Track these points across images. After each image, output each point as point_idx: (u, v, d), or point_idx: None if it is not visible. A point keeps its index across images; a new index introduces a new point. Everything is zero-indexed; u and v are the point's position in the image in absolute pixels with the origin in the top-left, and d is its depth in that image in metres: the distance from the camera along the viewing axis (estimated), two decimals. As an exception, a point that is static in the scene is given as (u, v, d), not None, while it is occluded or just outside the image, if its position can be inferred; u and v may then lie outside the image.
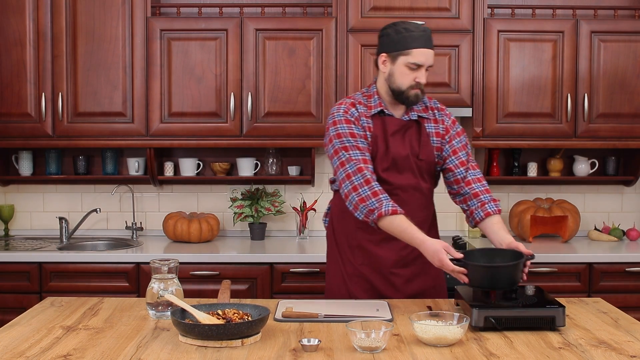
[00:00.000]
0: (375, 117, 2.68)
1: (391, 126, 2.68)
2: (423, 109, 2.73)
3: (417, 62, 2.58)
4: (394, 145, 2.66)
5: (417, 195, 2.71)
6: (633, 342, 2.12)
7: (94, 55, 3.92)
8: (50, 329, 2.25)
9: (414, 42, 2.58)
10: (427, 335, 2.06)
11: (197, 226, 3.97)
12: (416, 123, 2.71)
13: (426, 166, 2.71)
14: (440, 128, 2.74)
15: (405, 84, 2.61)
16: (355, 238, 2.73)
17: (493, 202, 2.68)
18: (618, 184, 4.32)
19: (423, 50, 2.58)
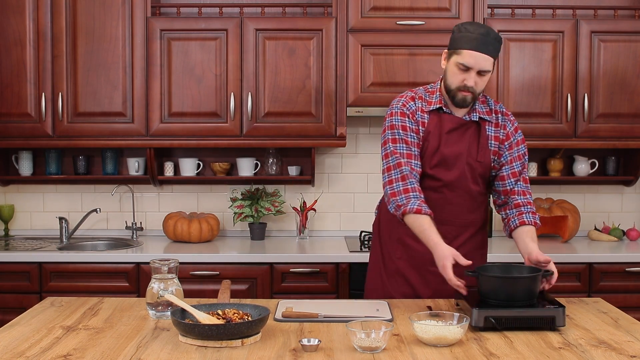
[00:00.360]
0: (433, 113, 2.67)
1: (448, 124, 2.65)
2: (487, 112, 2.70)
3: (464, 64, 2.54)
4: (449, 143, 2.65)
5: (465, 197, 2.68)
6: (633, 342, 2.12)
7: (94, 55, 3.92)
8: (50, 329, 2.25)
9: (467, 42, 2.53)
10: (427, 335, 2.06)
11: (197, 226, 3.97)
12: (477, 124, 2.68)
13: (481, 169, 2.68)
14: (501, 133, 2.69)
15: (454, 84, 2.59)
16: (397, 231, 2.73)
17: (532, 214, 2.66)
18: (618, 184, 4.32)
19: (473, 53, 2.52)
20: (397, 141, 2.62)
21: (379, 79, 3.89)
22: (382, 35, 3.87)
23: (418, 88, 2.76)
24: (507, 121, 2.71)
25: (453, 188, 2.66)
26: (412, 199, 2.52)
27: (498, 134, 2.69)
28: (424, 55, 3.88)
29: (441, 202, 2.66)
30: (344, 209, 4.31)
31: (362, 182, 4.31)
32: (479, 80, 2.57)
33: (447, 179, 2.66)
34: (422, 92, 2.72)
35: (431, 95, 2.70)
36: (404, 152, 2.60)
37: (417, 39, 3.88)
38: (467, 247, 2.71)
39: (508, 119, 2.72)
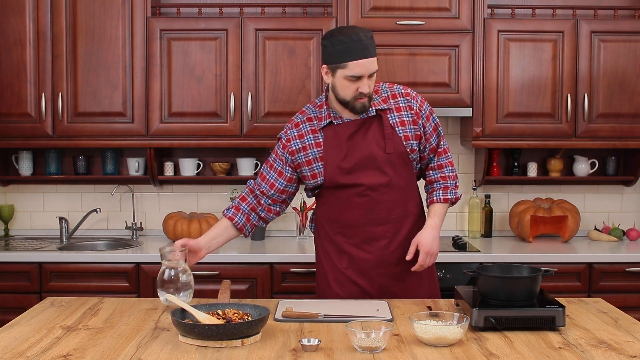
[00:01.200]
0: (326, 128, 2.65)
1: (345, 130, 2.63)
2: (383, 100, 2.65)
3: (355, 75, 2.50)
4: (355, 147, 2.62)
5: (390, 193, 2.65)
6: (633, 342, 2.12)
7: (94, 55, 3.92)
8: (50, 329, 2.25)
9: (349, 54, 2.48)
10: (427, 335, 2.06)
11: (197, 226, 3.97)
12: (378, 117, 2.63)
13: (397, 159, 2.64)
14: (407, 115, 2.65)
15: (349, 96, 2.55)
16: (337, 242, 2.73)
17: (443, 189, 2.70)
18: (618, 184, 4.32)
19: (359, 62, 2.48)
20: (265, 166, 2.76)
21: (379, 79, 3.85)
22: (382, 35, 3.87)
23: (307, 106, 2.75)
24: (410, 100, 2.67)
25: (376, 188, 2.64)
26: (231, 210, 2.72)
27: (403, 118, 2.65)
28: (423, 55, 3.88)
29: (370, 204, 2.65)
30: (344, 209, 4.31)
31: (362, 182, 4.30)
32: (371, 82, 2.55)
33: (367, 181, 2.63)
34: (311, 111, 2.71)
35: (319, 110, 2.68)
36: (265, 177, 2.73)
37: (417, 39, 3.88)
38: (411, 236, 2.69)
39: (410, 97, 2.68)
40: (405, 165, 2.67)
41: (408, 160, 2.67)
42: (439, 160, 2.73)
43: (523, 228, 4.03)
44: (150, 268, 3.65)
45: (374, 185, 2.64)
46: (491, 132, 3.93)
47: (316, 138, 2.66)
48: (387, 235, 2.68)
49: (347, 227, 2.69)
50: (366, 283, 2.71)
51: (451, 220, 4.29)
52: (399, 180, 2.66)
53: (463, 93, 3.91)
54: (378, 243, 2.68)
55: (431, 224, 2.66)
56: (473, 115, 3.92)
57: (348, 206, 2.66)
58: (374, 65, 2.52)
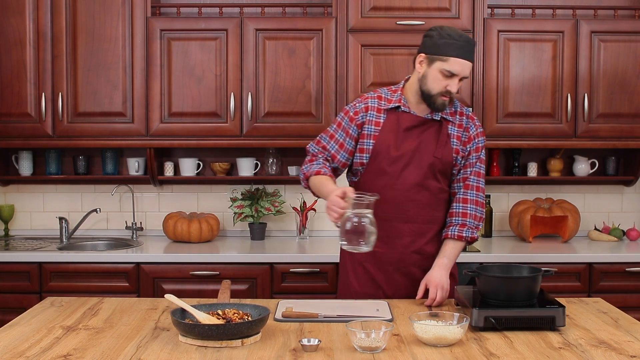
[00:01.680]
0: (390, 112, 2.70)
1: (405, 122, 2.68)
2: (451, 113, 2.72)
3: (451, 71, 2.56)
4: (406, 141, 2.67)
5: (423, 193, 2.69)
6: (633, 342, 2.12)
7: (94, 55, 3.92)
8: (50, 329, 2.25)
9: (454, 50, 2.55)
10: (427, 335, 2.06)
11: (197, 226, 3.97)
12: (439, 123, 2.70)
13: (440, 165, 2.69)
14: (463, 135, 2.72)
15: (436, 89, 2.61)
16: None
17: (460, 227, 2.68)
18: (618, 184, 4.32)
19: (460, 61, 2.56)
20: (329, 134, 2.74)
21: (379, 79, 3.89)
22: (382, 35, 3.87)
23: (382, 88, 2.79)
24: (471, 124, 2.73)
25: (411, 184, 2.67)
26: (314, 165, 2.68)
27: (460, 135, 2.71)
28: (424, 55, 3.88)
29: (401, 198, 2.68)
30: (344, 209, 4.31)
31: (362, 182, 4.31)
32: (459, 85, 2.62)
33: (406, 175, 2.67)
34: (384, 92, 2.76)
35: (393, 94, 2.73)
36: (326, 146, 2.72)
37: (417, 39, 3.83)
38: (433, 246, 2.73)
39: (473, 122, 2.75)
40: (444, 175, 2.72)
41: (449, 172, 2.73)
42: (466, 194, 2.72)
43: (523, 228, 4.03)
44: (150, 268, 3.66)
45: (410, 181, 2.67)
46: (491, 132, 3.93)
47: (377, 117, 2.70)
48: (411, 234, 2.71)
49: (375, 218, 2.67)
50: (383, 279, 2.73)
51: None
52: (434, 186, 2.70)
53: (463, 93, 3.90)
54: (401, 240, 2.70)
55: (439, 263, 2.65)
56: (473, 115, 3.91)
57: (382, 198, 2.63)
58: (468, 70, 2.59)
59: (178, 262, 3.66)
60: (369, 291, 2.74)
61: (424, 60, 2.62)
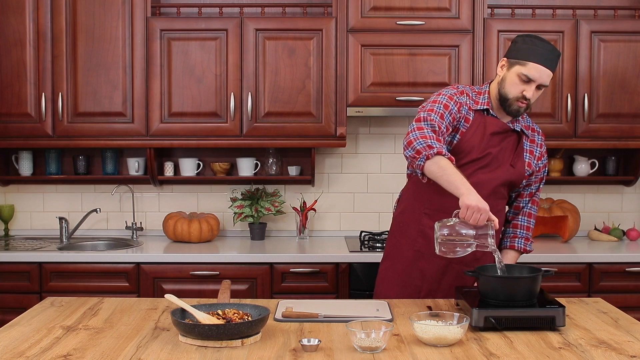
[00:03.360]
0: (477, 113, 2.69)
1: (492, 126, 2.68)
2: (525, 126, 2.75)
3: (528, 75, 2.57)
4: (490, 145, 2.67)
5: (490, 198, 2.61)
6: (633, 342, 2.12)
7: (94, 55, 3.92)
8: (50, 329, 2.25)
9: (535, 56, 2.56)
10: (427, 335, 2.06)
11: (197, 226, 3.97)
12: (517, 134, 2.73)
13: (514, 176, 2.70)
14: (535, 150, 2.77)
15: (512, 93, 2.62)
16: (422, 223, 2.73)
17: (525, 240, 2.82)
18: (618, 184, 4.32)
19: (539, 67, 2.56)
20: (434, 111, 2.55)
21: (379, 79, 3.89)
22: (382, 35, 3.87)
23: (464, 86, 2.75)
24: (542, 142, 2.81)
25: (483, 186, 2.64)
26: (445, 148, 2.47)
27: (533, 149, 2.77)
28: (424, 55, 3.88)
29: None
30: (344, 209, 4.31)
31: (362, 182, 4.31)
32: (537, 94, 2.63)
33: (479, 175, 2.66)
34: (469, 90, 2.74)
35: (478, 96, 2.72)
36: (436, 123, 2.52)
37: (417, 39, 3.88)
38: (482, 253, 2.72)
39: (543, 139, 2.82)
40: (511, 186, 2.75)
41: (518, 183, 2.75)
42: (532, 209, 2.83)
43: (523, 228, 4.03)
44: (150, 268, 3.66)
45: (480, 182, 2.63)
46: (491, 132, 3.92)
47: (468, 114, 2.68)
48: None
49: (437, 210, 2.68)
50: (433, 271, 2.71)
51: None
52: (500, 192, 2.71)
53: (463, 93, 3.90)
54: None
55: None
56: (473, 115, 3.91)
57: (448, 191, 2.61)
58: (547, 78, 2.59)
59: (178, 262, 3.66)
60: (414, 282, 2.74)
61: (505, 64, 2.65)
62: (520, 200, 2.83)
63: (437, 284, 2.74)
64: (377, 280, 2.88)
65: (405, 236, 2.79)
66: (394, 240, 2.84)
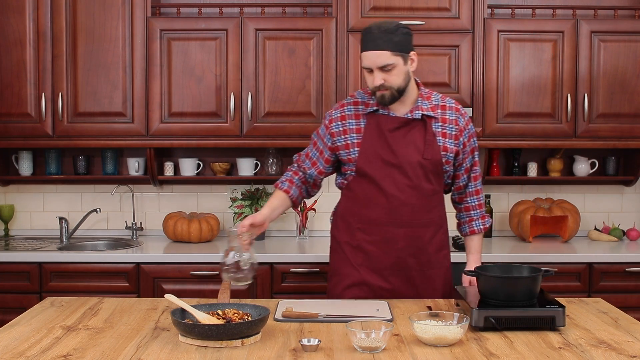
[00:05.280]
0: (370, 116, 2.67)
1: (387, 124, 2.65)
2: (431, 107, 2.68)
3: (365, 66, 2.58)
4: (393, 143, 2.63)
5: (416, 197, 2.65)
6: (633, 342, 2.12)
7: (94, 55, 3.92)
8: (50, 329, 2.25)
9: (365, 44, 2.56)
10: (427, 335, 2.06)
11: (197, 226, 3.97)
12: (422, 122, 2.66)
13: (431, 166, 2.65)
14: (451, 129, 2.68)
15: (369, 86, 2.62)
16: (357, 238, 2.72)
17: (481, 219, 2.82)
18: (618, 184, 4.32)
19: (367, 53, 2.54)
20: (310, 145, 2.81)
21: (379, 79, 3.88)
22: (382, 35, 3.87)
23: (358, 91, 2.79)
24: (458, 116, 2.70)
25: (403, 188, 2.64)
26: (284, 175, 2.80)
27: (445, 130, 2.67)
28: (424, 55, 3.88)
29: (395, 204, 2.64)
30: (344, 209, 4.31)
31: (362, 182, 4.31)
32: (387, 76, 2.55)
33: (396, 179, 2.64)
34: (359, 96, 2.75)
35: (369, 97, 2.71)
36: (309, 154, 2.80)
37: (417, 39, 3.84)
38: (430, 249, 2.71)
39: (459, 113, 2.71)
40: (436, 175, 2.69)
41: (441, 171, 2.69)
42: (476, 185, 2.80)
43: (523, 228, 4.03)
44: (150, 268, 3.65)
45: (402, 185, 2.64)
46: (491, 132, 3.93)
47: (358, 123, 2.68)
48: (406, 238, 2.67)
49: (368, 223, 2.68)
50: (380, 281, 2.70)
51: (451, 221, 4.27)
52: (427, 187, 2.67)
53: (463, 93, 3.91)
54: (397, 245, 2.67)
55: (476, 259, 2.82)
56: (473, 115, 3.91)
57: (373, 202, 2.65)
58: (381, 59, 2.53)
59: (178, 262, 3.66)
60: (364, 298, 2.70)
61: None
62: (458, 181, 2.77)
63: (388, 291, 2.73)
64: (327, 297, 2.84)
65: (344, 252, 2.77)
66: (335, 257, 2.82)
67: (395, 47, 2.53)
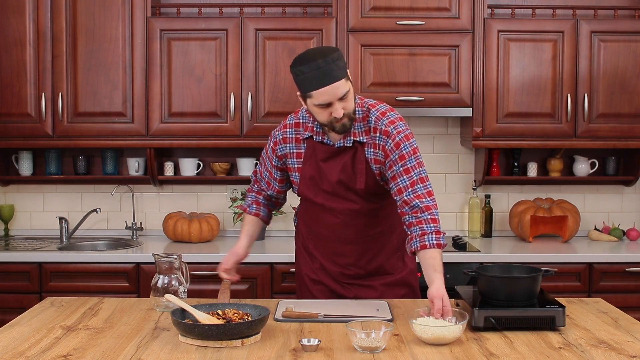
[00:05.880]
0: (309, 140, 2.59)
1: (320, 153, 2.55)
2: (365, 131, 2.50)
3: (321, 102, 2.36)
4: (327, 172, 2.55)
5: (360, 217, 2.59)
6: (633, 342, 2.12)
7: (94, 55, 3.92)
8: (50, 329, 2.25)
9: (310, 84, 2.34)
10: (425, 334, 2.06)
11: (197, 226, 3.97)
12: (354, 149, 2.51)
13: (367, 191, 2.54)
14: (379, 154, 2.49)
15: (326, 121, 2.42)
16: (310, 248, 2.75)
17: (435, 234, 2.37)
18: (618, 184, 4.32)
19: (322, 90, 2.33)
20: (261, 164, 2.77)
21: (379, 79, 3.89)
22: (382, 35, 3.87)
23: (301, 110, 2.63)
24: (386, 140, 2.47)
25: (345, 212, 2.59)
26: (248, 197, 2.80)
27: (377, 156, 2.50)
28: (423, 55, 3.88)
29: (340, 226, 2.61)
30: (344, 209, 4.31)
31: (362, 182, 4.31)
32: (345, 103, 2.39)
33: (336, 206, 2.59)
34: (301, 117, 2.61)
35: (309, 119, 2.57)
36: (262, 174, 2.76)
37: (417, 39, 3.88)
38: (384, 257, 2.68)
39: (388, 137, 2.47)
40: (376, 195, 2.58)
41: (380, 191, 2.57)
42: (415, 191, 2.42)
43: (523, 228, 4.03)
44: (150, 268, 3.65)
45: (343, 210, 2.59)
46: (491, 132, 3.93)
47: (298, 148, 2.60)
48: (355, 253, 2.66)
49: (318, 239, 2.70)
50: (338, 287, 2.71)
51: (451, 220, 4.29)
52: (370, 206, 2.59)
53: (463, 93, 3.91)
54: (346, 259, 2.67)
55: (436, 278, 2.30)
56: (473, 115, 3.92)
57: (320, 221, 2.65)
58: (340, 89, 2.35)
59: (178, 262, 3.65)
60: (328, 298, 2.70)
61: (301, 99, 2.45)
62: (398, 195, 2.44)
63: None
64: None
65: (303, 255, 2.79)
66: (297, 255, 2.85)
67: (345, 73, 2.38)
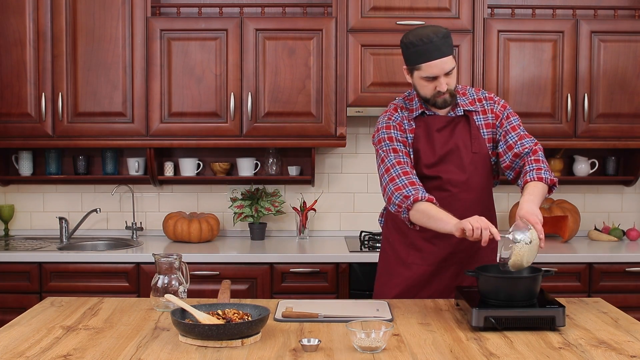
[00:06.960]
0: (418, 119, 2.71)
1: (435, 124, 2.69)
2: (470, 102, 2.72)
3: (429, 75, 2.57)
4: (441, 142, 2.67)
5: (469, 191, 2.69)
6: (633, 342, 2.12)
7: (94, 55, 3.92)
8: (50, 329, 2.25)
9: (421, 56, 2.55)
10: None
11: (197, 226, 3.97)
12: (465, 118, 2.71)
13: (481, 160, 2.70)
14: (490, 118, 2.72)
15: (428, 94, 2.62)
16: (409, 236, 2.74)
17: (537, 170, 2.56)
18: (618, 184, 4.32)
19: (431, 63, 2.55)
20: (389, 152, 2.65)
21: (379, 79, 3.89)
22: (382, 35, 3.87)
23: (396, 99, 2.79)
24: (493, 104, 2.73)
25: (456, 184, 2.67)
26: (420, 190, 2.53)
27: (487, 120, 2.72)
28: (424, 55, 3.88)
29: (449, 199, 2.66)
30: (344, 209, 4.31)
31: (362, 182, 4.31)
32: (449, 79, 2.59)
33: (448, 176, 2.67)
34: (401, 102, 2.76)
35: (411, 103, 2.73)
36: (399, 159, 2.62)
37: (417, 39, 3.88)
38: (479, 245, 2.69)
39: (493, 100, 2.74)
40: (485, 168, 2.73)
41: (489, 163, 2.73)
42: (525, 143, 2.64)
43: (523, 228, 4.03)
44: (150, 268, 3.65)
45: (454, 181, 2.67)
46: (491, 132, 3.93)
47: (410, 125, 2.71)
48: None
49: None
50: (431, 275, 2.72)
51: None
52: (478, 181, 2.71)
53: (463, 93, 3.90)
54: (450, 240, 2.66)
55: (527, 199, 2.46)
56: (473, 115, 3.91)
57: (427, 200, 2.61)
58: (448, 64, 2.56)
59: (178, 262, 3.65)
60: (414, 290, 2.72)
61: (407, 72, 2.66)
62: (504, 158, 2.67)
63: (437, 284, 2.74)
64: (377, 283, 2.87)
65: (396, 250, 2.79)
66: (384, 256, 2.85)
67: (452, 51, 2.59)
